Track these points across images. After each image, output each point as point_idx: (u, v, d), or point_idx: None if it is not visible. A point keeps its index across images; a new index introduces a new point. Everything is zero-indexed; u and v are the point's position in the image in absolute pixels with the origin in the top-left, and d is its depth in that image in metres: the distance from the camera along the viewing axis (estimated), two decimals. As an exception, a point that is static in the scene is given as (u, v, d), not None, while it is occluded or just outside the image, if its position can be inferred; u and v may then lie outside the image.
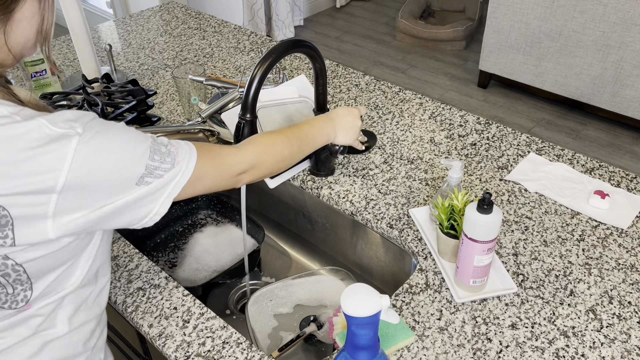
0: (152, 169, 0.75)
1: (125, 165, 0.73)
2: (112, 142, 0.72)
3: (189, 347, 0.93)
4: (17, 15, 0.71)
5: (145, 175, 0.75)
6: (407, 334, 0.92)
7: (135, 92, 1.41)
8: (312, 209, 1.31)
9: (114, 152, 0.71)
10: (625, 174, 1.27)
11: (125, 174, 0.73)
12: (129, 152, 0.73)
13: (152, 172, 0.75)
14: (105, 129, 0.72)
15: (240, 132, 1.02)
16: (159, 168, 0.76)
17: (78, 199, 0.70)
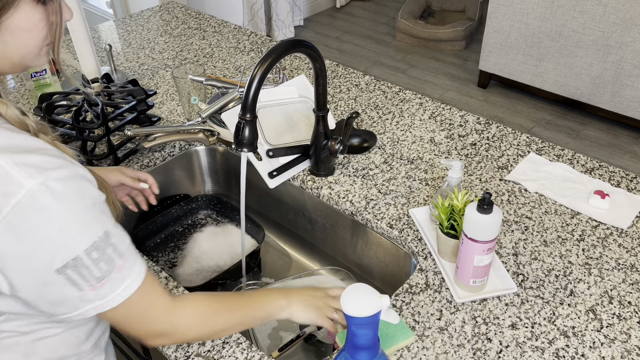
0: (80, 265, 0.66)
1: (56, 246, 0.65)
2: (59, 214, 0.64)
3: (189, 347, 0.93)
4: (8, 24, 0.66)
5: (70, 267, 0.66)
6: (407, 334, 0.92)
7: (135, 92, 1.41)
8: (312, 209, 1.31)
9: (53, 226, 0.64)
10: (625, 174, 1.27)
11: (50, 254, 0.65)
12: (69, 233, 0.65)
13: (79, 268, 0.67)
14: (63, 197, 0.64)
15: (241, 132, 1.02)
16: (88, 269, 0.67)
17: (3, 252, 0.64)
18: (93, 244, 0.67)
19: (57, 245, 0.65)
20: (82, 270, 0.67)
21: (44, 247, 0.64)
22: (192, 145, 1.46)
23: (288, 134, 1.31)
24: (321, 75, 1.15)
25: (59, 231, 0.64)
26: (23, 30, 0.67)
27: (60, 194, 0.64)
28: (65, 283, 0.67)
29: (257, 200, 1.47)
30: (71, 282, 0.67)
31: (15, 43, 0.68)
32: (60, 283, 0.66)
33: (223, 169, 1.51)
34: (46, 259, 0.65)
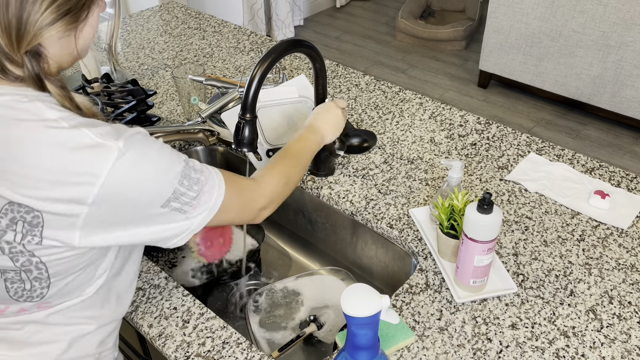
0: (178, 194, 0.76)
1: (157, 187, 0.74)
2: (149, 161, 0.73)
3: (189, 347, 0.93)
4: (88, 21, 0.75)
5: (172, 200, 0.75)
6: (407, 334, 0.92)
7: (135, 92, 1.41)
8: (312, 209, 1.31)
9: (148, 173, 0.73)
10: (626, 174, 1.27)
11: (154, 195, 0.74)
12: (162, 174, 0.74)
13: (178, 197, 0.76)
14: (144, 147, 0.73)
15: (240, 132, 1.02)
16: (185, 195, 0.77)
17: (107, 215, 0.71)
18: (182, 173, 0.76)
19: (156, 184, 0.74)
20: (181, 198, 0.76)
21: (147, 192, 0.73)
22: (192, 145, 1.46)
23: (288, 134, 1.31)
24: (321, 75, 1.15)
25: (154, 173, 0.73)
26: (92, 26, 0.76)
27: (141, 144, 0.72)
28: (172, 213, 0.76)
29: (257, 200, 1.47)
30: (176, 210, 0.77)
31: (87, 36, 0.77)
32: (167, 215, 0.76)
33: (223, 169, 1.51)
34: (149, 201, 0.73)
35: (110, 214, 0.71)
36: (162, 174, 0.74)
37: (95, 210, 0.70)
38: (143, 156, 0.72)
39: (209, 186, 0.80)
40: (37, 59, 0.71)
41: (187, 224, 0.79)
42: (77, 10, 0.72)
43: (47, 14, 0.69)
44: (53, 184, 0.68)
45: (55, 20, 0.70)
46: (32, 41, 0.70)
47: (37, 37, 0.70)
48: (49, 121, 0.69)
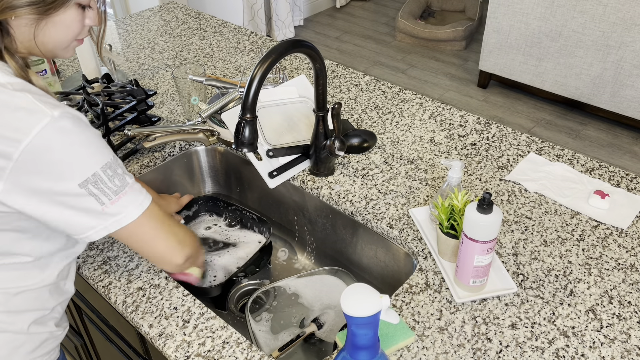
0: (98, 179, 0.79)
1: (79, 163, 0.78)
2: (77, 137, 0.77)
3: (189, 347, 0.93)
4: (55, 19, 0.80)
5: (90, 182, 0.79)
6: (407, 334, 0.92)
7: (135, 92, 1.41)
8: (312, 209, 1.31)
9: (74, 146, 0.77)
10: (625, 174, 1.27)
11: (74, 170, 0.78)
12: (87, 153, 0.78)
13: (98, 183, 0.80)
14: (77, 125, 0.78)
15: (241, 132, 1.02)
16: (105, 184, 0.80)
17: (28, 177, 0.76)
18: (106, 163, 0.80)
19: (79, 161, 0.78)
20: (100, 184, 0.79)
21: (69, 165, 0.77)
22: (192, 145, 1.46)
23: (288, 134, 1.31)
24: (321, 75, 1.15)
25: (79, 150, 0.77)
26: (64, 25, 0.81)
27: (77, 121, 0.77)
28: (88, 196, 0.79)
29: (257, 201, 1.47)
30: (93, 196, 0.79)
31: (53, 34, 0.81)
32: (83, 196, 0.79)
33: (223, 169, 1.51)
34: (70, 174, 0.77)
35: (31, 176, 0.76)
36: (87, 153, 0.78)
37: (19, 168, 0.75)
38: (73, 131, 0.77)
39: (135, 189, 0.84)
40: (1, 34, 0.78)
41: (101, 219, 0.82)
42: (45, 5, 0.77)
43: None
44: None
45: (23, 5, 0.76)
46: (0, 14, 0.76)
47: (3, 13, 0.76)
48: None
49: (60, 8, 0.80)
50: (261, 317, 1.19)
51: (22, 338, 0.92)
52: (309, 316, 1.18)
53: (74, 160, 0.77)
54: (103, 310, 1.24)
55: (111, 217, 0.82)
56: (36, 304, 0.93)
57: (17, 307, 0.91)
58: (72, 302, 1.39)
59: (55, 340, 0.99)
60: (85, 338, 1.51)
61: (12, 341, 0.91)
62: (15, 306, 0.90)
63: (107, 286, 1.05)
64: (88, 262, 1.10)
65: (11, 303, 0.90)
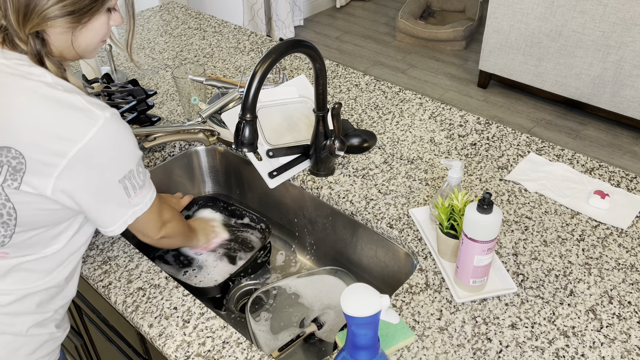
0: (132, 175, 0.87)
1: (123, 161, 0.85)
2: (124, 137, 0.84)
3: (189, 347, 0.93)
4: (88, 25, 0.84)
5: (127, 178, 0.87)
6: (407, 334, 0.92)
7: (135, 92, 1.41)
8: (312, 209, 1.31)
9: (122, 146, 0.84)
10: (625, 174, 1.27)
11: (119, 167, 0.85)
12: (129, 152, 0.86)
13: (131, 178, 0.87)
14: (122, 125, 0.85)
15: (241, 132, 1.02)
16: (136, 179, 0.88)
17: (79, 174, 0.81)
18: (139, 160, 0.88)
19: (124, 160, 0.85)
20: (133, 180, 0.87)
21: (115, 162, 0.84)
22: (192, 145, 1.46)
23: (288, 134, 1.31)
24: (321, 75, 1.15)
25: (126, 148, 0.85)
26: (95, 30, 0.86)
27: (121, 121, 0.84)
28: (122, 190, 0.87)
29: (257, 201, 1.47)
30: (125, 189, 0.87)
31: (88, 39, 0.86)
32: (119, 190, 0.86)
33: (223, 169, 1.51)
34: (115, 170, 0.85)
35: (82, 173, 0.81)
36: (129, 152, 0.86)
37: (72, 166, 0.80)
38: (121, 131, 0.84)
39: (148, 184, 0.93)
40: (40, 41, 0.82)
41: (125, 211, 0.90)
42: (80, 14, 0.82)
43: (52, 9, 0.79)
44: (42, 134, 0.78)
45: (58, 16, 0.80)
46: (35, 27, 0.80)
47: (40, 25, 0.80)
48: (47, 83, 0.80)
49: (95, 15, 0.84)
50: (261, 317, 1.19)
51: (21, 340, 0.92)
52: (309, 316, 1.18)
53: (120, 158, 0.85)
54: (103, 310, 1.24)
55: (132, 208, 0.91)
56: (38, 308, 0.93)
57: (18, 310, 0.91)
58: (72, 302, 1.39)
59: (55, 342, 0.99)
60: (85, 338, 1.51)
61: (10, 343, 0.91)
62: (16, 309, 0.91)
63: (107, 286, 1.05)
64: (88, 262, 1.10)
65: (13, 305, 0.90)
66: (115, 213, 0.90)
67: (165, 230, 1.02)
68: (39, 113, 0.78)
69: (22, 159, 0.78)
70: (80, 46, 0.87)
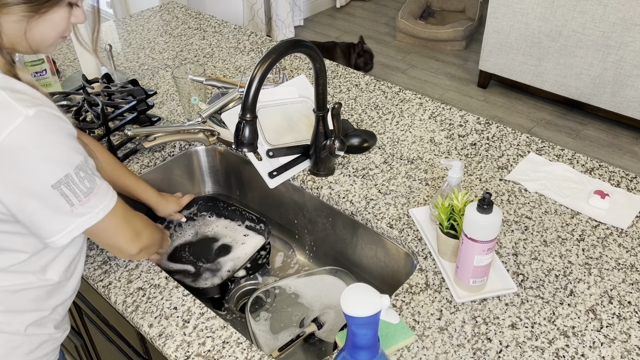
0: (70, 181, 0.80)
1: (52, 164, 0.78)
2: (51, 138, 0.78)
3: (189, 347, 0.93)
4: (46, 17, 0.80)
5: (63, 183, 0.80)
6: (407, 334, 0.92)
7: (135, 92, 1.41)
8: (312, 209, 1.31)
9: (46, 148, 0.77)
10: (625, 174, 1.27)
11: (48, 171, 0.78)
12: (60, 155, 0.79)
13: (70, 184, 0.80)
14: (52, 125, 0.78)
15: (241, 132, 1.02)
16: (77, 185, 0.81)
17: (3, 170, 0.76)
18: (79, 164, 0.81)
19: (53, 163, 0.78)
20: (72, 186, 0.80)
21: (42, 164, 0.77)
22: (192, 145, 1.46)
23: (288, 134, 1.31)
24: (321, 75, 1.15)
25: (54, 151, 0.78)
26: (52, 23, 0.82)
27: (52, 121, 0.78)
28: (59, 198, 0.80)
29: (257, 200, 1.47)
30: (64, 197, 0.80)
31: (42, 31, 0.82)
32: (55, 197, 0.79)
33: (223, 169, 1.51)
34: (44, 175, 0.78)
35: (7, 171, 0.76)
36: (60, 155, 0.79)
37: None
38: (47, 131, 0.77)
39: (102, 190, 0.86)
40: None
41: (69, 220, 0.83)
42: (38, 3, 0.78)
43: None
44: None
45: (15, 3, 0.77)
46: None
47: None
48: None
49: (54, 7, 0.81)
50: (261, 317, 1.19)
51: (19, 339, 0.92)
52: (309, 316, 1.18)
53: (47, 161, 0.78)
54: (103, 310, 1.24)
55: (78, 218, 0.83)
56: (35, 305, 0.92)
57: (15, 307, 0.90)
58: (73, 302, 1.39)
59: (54, 343, 0.99)
60: (85, 338, 1.51)
61: (8, 342, 0.91)
62: (13, 306, 0.90)
63: (107, 286, 1.05)
64: (88, 262, 1.10)
65: (9, 302, 0.90)
66: (54, 222, 0.82)
67: (141, 242, 0.96)
68: None
69: None
70: (35, 38, 0.83)
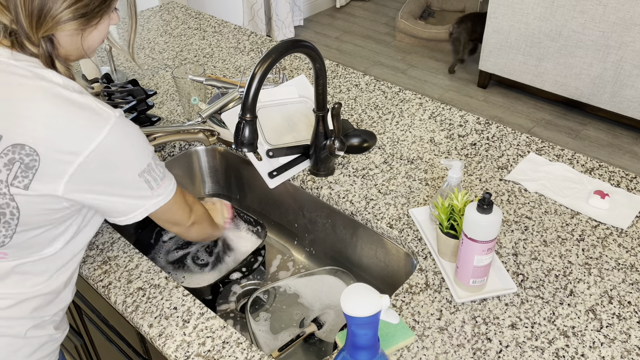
0: (151, 168, 0.89)
1: (138, 157, 0.87)
2: (134, 135, 0.86)
3: (189, 347, 0.93)
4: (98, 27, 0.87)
5: (146, 172, 0.88)
6: (407, 334, 0.92)
7: (135, 92, 1.41)
8: (312, 209, 1.31)
9: (133, 143, 0.86)
10: (625, 174, 1.27)
11: (135, 163, 0.87)
12: (142, 148, 0.88)
13: (151, 171, 0.89)
14: (130, 123, 0.86)
15: (241, 132, 1.02)
16: (155, 171, 0.90)
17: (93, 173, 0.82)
18: (152, 154, 0.90)
19: (139, 154, 0.87)
20: (152, 172, 0.89)
21: (131, 157, 0.86)
22: (192, 145, 1.46)
23: (288, 134, 1.31)
24: (321, 75, 1.15)
25: (138, 144, 0.87)
26: (101, 31, 0.89)
27: (128, 121, 0.86)
28: (145, 184, 0.89)
29: (257, 200, 1.47)
30: (147, 182, 0.89)
31: (94, 39, 0.89)
32: (140, 184, 0.88)
33: (223, 169, 1.51)
34: (132, 166, 0.86)
35: (96, 172, 0.82)
36: (142, 148, 0.88)
37: (86, 166, 0.81)
38: (131, 129, 0.86)
39: (169, 174, 0.95)
40: (51, 44, 0.84)
41: (146, 202, 0.91)
42: (91, 16, 0.84)
43: (64, 12, 0.81)
44: (57, 132, 0.79)
45: (71, 19, 0.82)
46: (48, 30, 0.82)
47: (53, 28, 0.82)
48: (59, 84, 0.82)
49: (104, 16, 0.87)
50: (261, 317, 1.19)
51: (20, 342, 0.92)
52: (309, 316, 1.18)
53: (136, 153, 0.86)
54: (103, 310, 1.24)
55: (155, 198, 0.92)
56: (34, 312, 0.93)
57: (16, 315, 0.91)
58: (72, 302, 1.39)
59: (54, 343, 0.99)
60: (85, 338, 1.51)
61: (9, 345, 0.91)
62: (14, 313, 0.91)
63: (107, 286, 1.05)
64: (88, 262, 1.10)
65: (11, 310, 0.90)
66: (132, 205, 0.91)
67: (194, 216, 1.04)
68: (54, 112, 0.79)
69: (36, 155, 0.79)
70: (89, 47, 0.89)
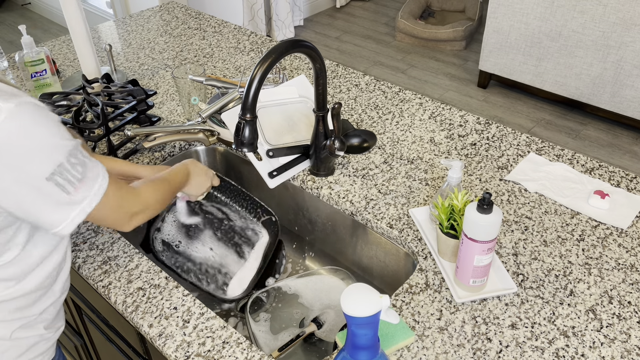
0: (64, 169, 0.78)
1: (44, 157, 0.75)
2: (39, 129, 0.75)
3: (189, 347, 0.93)
4: None
5: (57, 174, 0.77)
6: (407, 334, 0.92)
7: (135, 92, 1.41)
8: (312, 209, 1.31)
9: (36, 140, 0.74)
10: (625, 174, 1.27)
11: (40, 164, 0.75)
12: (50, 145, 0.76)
13: (63, 172, 0.78)
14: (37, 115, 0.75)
15: (241, 132, 1.02)
16: (69, 172, 0.79)
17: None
18: (70, 151, 0.78)
19: (44, 153, 0.75)
20: (66, 174, 0.78)
21: (32, 158, 0.74)
22: (192, 145, 1.46)
23: (288, 134, 1.31)
24: (321, 75, 1.15)
25: (45, 141, 0.75)
26: None
27: (36, 111, 0.74)
28: (55, 188, 0.77)
29: (257, 200, 1.47)
30: (58, 186, 0.78)
31: None
32: (51, 189, 0.77)
33: (223, 169, 1.51)
34: (36, 168, 0.75)
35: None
36: (51, 144, 0.76)
37: None
38: (34, 123, 0.74)
39: (93, 173, 0.83)
40: None
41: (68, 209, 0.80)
42: None
43: None
44: None
45: None
46: None
47: None
48: None
49: None
50: (261, 317, 1.19)
51: (6, 344, 0.89)
52: (309, 316, 1.18)
53: (39, 153, 0.75)
54: (103, 310, 1.24)
55: (78, 204, 0.81)
56: (17, 313, 0.89)
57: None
58: (72, 302, 1.39)
59: (46, 343, 0.97)
60: (85, 338, 1.51)
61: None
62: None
63: (107, 286, 1.05)
64: (88, 262, 1.10)
65: None
66: (56, 213, 0.80)
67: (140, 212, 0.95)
68: None
69: None
70: None
